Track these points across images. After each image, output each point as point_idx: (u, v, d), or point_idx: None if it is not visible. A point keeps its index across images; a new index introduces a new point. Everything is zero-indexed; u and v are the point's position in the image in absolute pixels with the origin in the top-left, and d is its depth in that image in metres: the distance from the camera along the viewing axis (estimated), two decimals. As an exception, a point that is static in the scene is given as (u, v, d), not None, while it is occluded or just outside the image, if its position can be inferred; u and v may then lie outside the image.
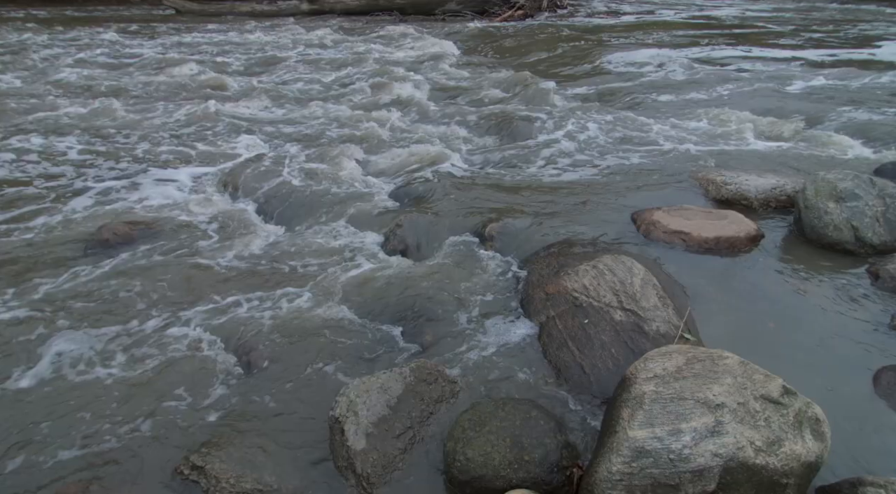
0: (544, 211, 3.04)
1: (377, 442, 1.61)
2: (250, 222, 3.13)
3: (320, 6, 13.18)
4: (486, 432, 1.59)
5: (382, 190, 3.46)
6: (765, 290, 2.33)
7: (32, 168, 3.86)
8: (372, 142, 4.31)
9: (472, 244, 2.77)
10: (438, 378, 1.83)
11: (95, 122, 4.80)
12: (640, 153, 3.92)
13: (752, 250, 2.62)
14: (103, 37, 9.57)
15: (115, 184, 3.64)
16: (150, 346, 2.13)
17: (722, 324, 2.12)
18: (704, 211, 2.92)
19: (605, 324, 2.06)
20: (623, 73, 6.55)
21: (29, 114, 5.01)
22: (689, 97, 5.39)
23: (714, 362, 1.54)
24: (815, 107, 4.85)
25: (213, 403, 1.88)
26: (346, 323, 2.23)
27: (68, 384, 1.95)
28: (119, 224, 2.97)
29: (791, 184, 3.08)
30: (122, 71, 6.96)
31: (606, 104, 5.24)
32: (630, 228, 2.83)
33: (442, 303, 2.29)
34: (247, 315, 2.30)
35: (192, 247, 2.82)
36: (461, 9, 12.63)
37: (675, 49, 7.90)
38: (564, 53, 7.97)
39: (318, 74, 6.92)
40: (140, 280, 2.53)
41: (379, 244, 2.82)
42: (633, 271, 2.23)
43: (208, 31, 10.54)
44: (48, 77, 6.51)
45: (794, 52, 7.77)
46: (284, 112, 5.24)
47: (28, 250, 2.80)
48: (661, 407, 1.43)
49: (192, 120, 4.95)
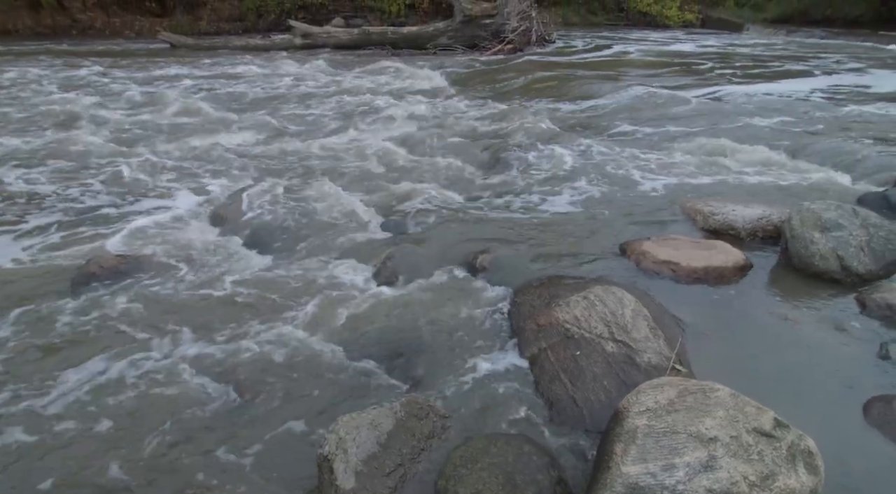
0: (534, 242, 3.06)
1: (367, 481, 1.58)
2: (240, 254, 3.12)
3: (313, 40, 13.45)
4: (478, 469, 1.56)
5: (373, 222, 3.48)
6: (753, 320, 2.34)
7: (18, 199, 3.85)
8: (361, 174, 4.35)
9: (462, 276, 2.78)
10: (430, 413, 1.81)
11: (84, 154, 4.81)
12: (629, 184, 3.98)
13: (741, 280, 2.64)
14: (96, 70, 9.68)
15: (103, 216, 3.63)
16: (135, 381, 2.09)
17: (712, 355, 2.12)
18: (693, 241, 2.95)
19: (597, 356, 2.05)
20: (611, 105, 6.70)
21: (18, 144, 5.02)
22: (675, 129, 5.50)
23: (706, 394, 1.53)
24: (799, 138, 4.96)
25: (200, 439, 1.83)
26: (335, 357, 2.20)
27: (50, 420, 1.90)
28: (107, 257, 2.95)
29: (777, 214, 3.12)
30: (113, 104, 7.02)
31: (595, 136, 5.34)
32: (619, 259, 2.86)
33: (433, 336, 2.28)
34: (235, 349, 2.26)
35: (180, 280, 2.80)
36: (452, 43, 12.94)
37: (662, 82, 8.11)
38: (553, 87, 8.15)
39: (309, 108, 7.02)
40: (126, 313, 2.49)
41: (369, 276, 2.81)
42: (623, 302, 2.24)
43: (202, 66, 10.70)
44: (39, 108, 6.54)
45: (776, 84, 8.01)
46: (275, 145, 5.29)
47: (14, 282, 2.76)
48: (654, 442, 1.42)
49: (183, 152, 4.98)
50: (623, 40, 15.25)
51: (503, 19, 12.69)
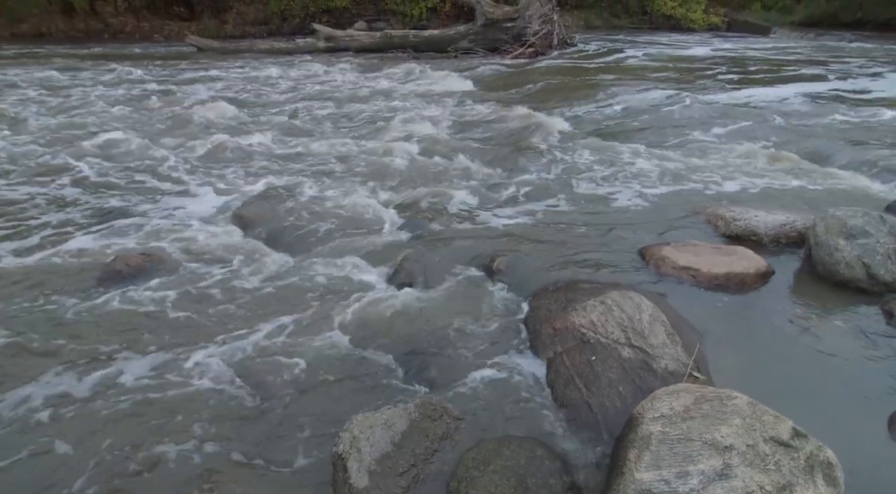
0: (552, 245, 3.05)
1: (380, 480, 1.59)
2: (261, 254, 3.17)
3: (336, 44, 13.61)
4: (490, 471, 1.56)
5: (391, 223, 3.50)
6: (775, 328, 2.30)
7: (49, 197, 3.97)
8: (382, 176, 4.38)
9: (479, 278, 2.78)
10: (443, 414, 1.82)
11: (112, 154, 4.94)
12: (649, 188, 3.94)
13: (762, 287, 2.60)
14: (125, 73, 9.93)
15: (129, 214, 3.72)
16: (156, 378, 2.14)
17: (731, 363, 2.09)
18: (713, 247, 2.91)
19: (613, 361, 2.04)
20: (632, 109, 6.64)
21: (50, 144, 5.18)
22: (697, 133, 5.43)
23: (722, 402, 1.52)
24: (825, 143, 4.86)
25: (218, 435, 1.87)
26: (351, 356, 2.23)
27: (74, 415, 1.96)
28: (132, 255, 3.02)
29: (801, 221, 3.07)
30: (142, 105, 7.19)
31: (615, 140, 5.30)
32: (638, 264, 2.83)
33: (448, 338, 2.29)
34: (254, 346, 2.31)
35: (202, 279, 2.86)
36: (473, 46, 12.97)
37: (683, 86, 8.01)
38: (574, 90, 8.12)
39: (332, 109, 7.10)
40: (150, 311, 2.56)
41: (387, 277, 2.84)
42: (641, 307, 2.22)
43: (227, 68, 10.90)
44: (71, 111, 6.74)
45: (800, 87, 7.85)
46: (297, 146, 5.36)
47: (42, 278, 2.85)
48: (668, 449, 1.41)
49: (208, 153, 5.08)
50: (644, 43, 15.11)
51: (525, 22, 12.68)
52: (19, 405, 1.99)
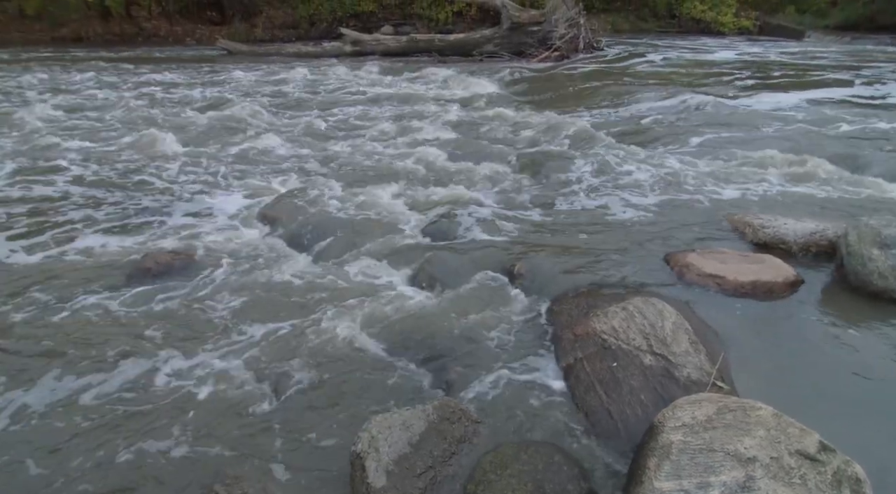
0: (575, 250, 3.03)
1: (397, 481, 1.60)
2: (285, 254, 3.22)
3: (362, 48, 13.77)
4: (507, 475, 1.56)
5: (414, 225, 3.52)
6: (803, 339, 2.24)
7: (80, 195, 4.10)
8: (406, 179, 4.41)
9: (500, 282, 2.78)
10: (462, 417, 1.82)
11: (143, 154, 5.09)
12: (674, 194, 3.89)
13: (791, 296, 2.53)
14: (157, 74, 10.21)
15: (158, 214, 3.83)
16: (180, 374, 2.19)
17: (756, 373, 2.04)
18: (740, 254, 2.86)
19: (635, 369, 2.02)
20: (657, 113, 6.56)
21: (81, 143, 5.35)
22: (724, 138, 5.34)
23: (746, 413, 1.49)
24: (856, 150, 4.72)
25: (239, 432, 1.91)
26: (372, 357, 2.25)
27: (97, 405, 2.02)
28: (161, 253, 3.10)
29: (832, 229, 2.98)
30: (172, 107, 7.38)
31: (640, 144, 5.23)
32: (662, 270, 2.79)
33: (468, 341, 2.29)
34: (277, 345, 2.34)
35: (228, 277, 2.92)
36: (498, 50, 12.98)
37: (709, 90, 7.87)
38: (599, 94, 8.05)
39: (356, 112, 7.18)
40: (177, 309, 2.62)
41: (408, 279, 2.85)
42: (664, 314, 2.19)
43: (256, 71, 11.11)
44: (105, 112, 6.95)
45: (826, 92, 7.64)
46: (322, 148, 5.44)
47: (74, 274, 2.95)
48: (688, 458, 1.38)
49: (236, 153, 5.18)
50: (671, 47, 14.90)
51: (550, 26, 12.63)
52: (48, 398, 2.06)
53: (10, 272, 3.00)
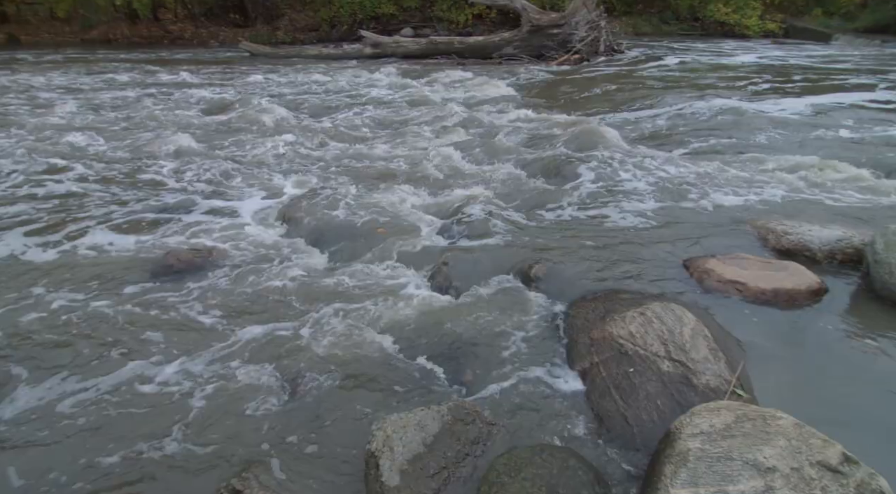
0: (592, 254, 3.01)
1: (411, 481, 1.61)
2: (303, 253, 3.25)
3: (382, 50, 13.85)
4: (521, 479, 1.55)
5: (430, 227, 3.53)
6: (826, 348, 2.19)
7: (106, 193, 4.19)
8: (423, 180, 4.43)
9: (516, 285, 2.77)
10: (476, 418, 1.82)
11: (163, 154, 5.18)
12: (695, 199, 3.83)
13: (814, 305, 2.48)
14: (180, 76, 10.39)
15: (180, 212, 3.89)
16: (202, 368, 2.23)
17: (777, 382, 2.00)
18: (762, 261, 2.81)
19: (652, 374, 1.99)
20: (677, 117, 6.48)
21: (103, 142, 5.47)
22: (747, 142, 5.25)
23: (766, 422, 1.46)
24: (880, 155, 4.61)
25: (256, 426, 1.93)
26: (387, 357, 2.26)
27: (121, 399, 2.06)
28: (183, 250, 3.16)
29: (859, 237, 2.92)
30: (193, 108, 7.50)
31: (659, 148, 5.18)
32: (681, 276, 2.76)
33: (483, 343, 2.29)
34: (294, 342, 2.37)
35: (247, 275, 2.96)
36: (518, 53, 12.95)
37: (729, 94, 7.75)
38: (619, 97, 7.98)
39: (374, 114, 7.22)
40: (197, 305, 2.66)
41: (424, 280, 2.86)
42: (682, 320, 2.16)
43: (277, 73, 11.24)
44: (128, 112, 7.10)
45: (847, 96, 7.46)
46: (341, 149, 5.48)
47: (99, 269, 3.01)
48: (706, 466, 1.36)
49: (255, 154, 5.25)
50: (694, 50, 14.72)
51: (571, 29, 12.57)
52: (74, 391, 2.11)
53: (36, 267, 3.07)
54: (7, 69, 11.34)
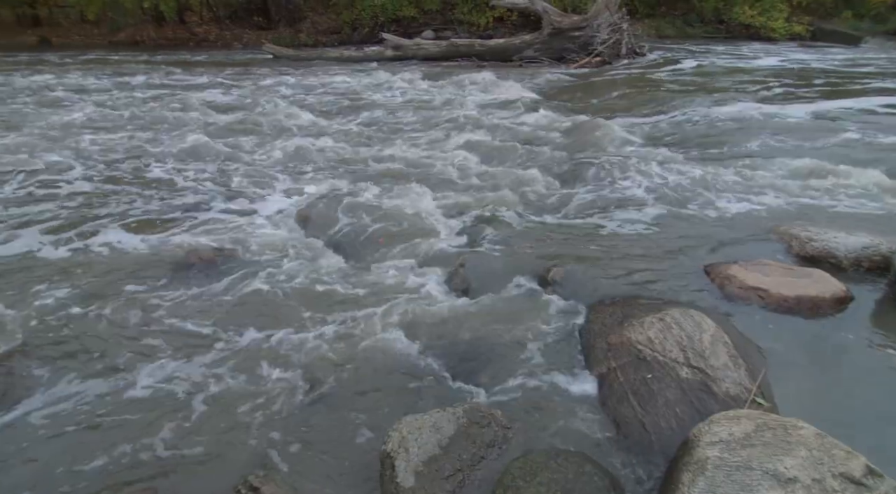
0: (610, 258, 2.98)
1: (426, 482, 1.61)
2: (321, 253, 3.28)
3: (403, 52, 13.91)
4: (536, 483, 1.55)
5: (448, 229, 3.54)
6: (851, 358, 2.14)
7: (129, 192, 4.28)
8: (441, 182, 4.44)
9: (534, 288, 2.76)
10: (491, 421, 1.82)
11: (188, 155, 5.28)
12: (717, 204, 3.78)
13: (839, 313, 2.43)
14: (204, 78, 10.57)
15: (202, 211, 3.96)
16: (217, 367, 2.26)
17: (799, 392, 1.96)
18: (785, 267, 2.76)
19: (670, 381, 1.97)
20: (699, 121, 6.39)
21: (130, 143, 5.59)
22: (773, 147, 5.16)
23: (787, 432, 1.43)
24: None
25: (274, 425, 1.96)
26: (403, 358, 2.27)
27: (140, 396, 2.11)
28: (204, 249, 3.22)
29: (886, 244, 2.85)
30: (214, 108, 7.62)
31: (683, 152, 5.12)
32: (702, 281, 2.72)
33: (500, 346, 2.29)
34: (312, 342, 2.39)
35: (266, 274, 3.00)
36: (538, 55, 12.89)
37: (752, 97, 7.62)
38: (640, 100, 7.90)
39: (394, 116, 7.26)
40: (216, 303, 2.71)
41: (442, 282, 2.87)
42: (702, 326, 2.13)
43: (298, 74, 11.37)
44: (150, 112, 7.24)
45: (872, 101, 7.27)
46: (360, 150, 5.52)
47: (123, 265, 3.08)
48: (724, 475, 1.35)
49: (275, 155, 5.32)
50: (717, 53, 14.48)
51: (593, 31, 12.48)
52: (91, 387, 2.16)
53: (54, 264, 3.15)
54: (33, 69, 11.67)
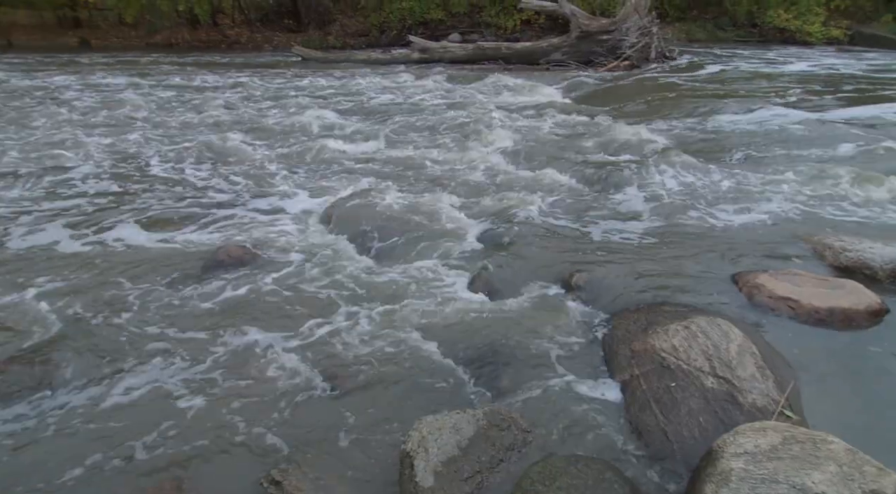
0: (636, 265, 2.95)
1: (444, 483, 1.62)
2: (346, 254, 3.32)
3: (430, 55, 13.97)
4: (555, 488, 1.54)
5: (472, 231, 3.54)
6: (885, 372, 2.07)
7: (162, 190, 4.40)
8: (466, 184, 4.45)
9: (556, 292, 2.75)
10: (511, 425, 1.82)
11: (215, 154, 5.40)
12: (747, 211, 3.70)
13: (873, 326, 2.36)
14: (237, 79, 10.79)
15: (231, 209, 4.05)
16: (243, 362, 2.31)
17: (830, 406, 1.91)
18: (817, 278, 2.68)
19: (694, 390, 1.94)
20: (728, 126, 6.27)
21: (162, 145, 5.74)
22: (805, 154, 5.03)
23: (816, 445, 1.40)
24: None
25: (292, 422, 1.99)
26: (424, 358, 2.28)
27: (167, 390, 2.16)
28: (234, 247, 3.28)
29: (925, 256, 2.76)
30: (245, 109, 7.78)
31: (709, 159, 5.03)
32: (730, 290, 2.67)
33: (521, 349, 2.28)
34: (335, 341, 2.43)
35: (292, 273, 3.05)
36: (565, 59, 12.81)
37: (788, 102, 7.44)
38: (669, 105, 7.79)
39: (420, 118, 7.30)
40: (244, 299, 2.77)
41: (464, 284, 2.87)
42: (729, 336, 2.10)
43: (326, 76, 11.53)
44: (183, 113, 7.43)
45: None
46: (385, 152, 5.57)
47: (152, 264, 3.17)
48: (749, 488, 1.32)
49: (303, 156, 5.40)
50: (749, 58, 14.18)
51: (621, 35, 12.35)
52: (119, 381, 2.22)
53: (93, 260, 3.26)
54: (74, 69, 12.07)
